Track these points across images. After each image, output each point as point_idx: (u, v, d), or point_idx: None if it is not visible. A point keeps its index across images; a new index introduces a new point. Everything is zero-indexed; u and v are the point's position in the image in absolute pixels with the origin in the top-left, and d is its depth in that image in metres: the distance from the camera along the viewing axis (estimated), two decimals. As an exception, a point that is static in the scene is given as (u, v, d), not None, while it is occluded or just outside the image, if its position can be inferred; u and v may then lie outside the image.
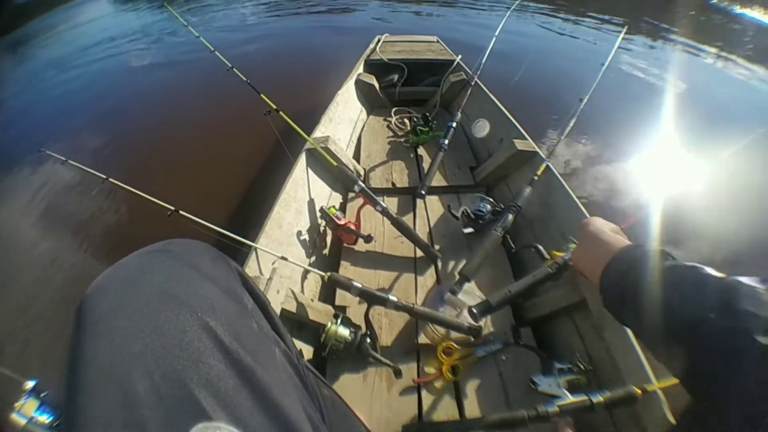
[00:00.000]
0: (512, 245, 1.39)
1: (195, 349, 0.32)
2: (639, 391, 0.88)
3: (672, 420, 0.83)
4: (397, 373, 1.09)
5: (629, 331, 0.98)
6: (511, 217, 1.41)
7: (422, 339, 1.22)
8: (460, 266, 1.43)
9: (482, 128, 1.86)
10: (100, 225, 2.37)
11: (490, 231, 1.38)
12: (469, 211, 1.55)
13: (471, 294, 1.31)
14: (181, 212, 1.17)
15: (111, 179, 1.25)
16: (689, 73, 5.09)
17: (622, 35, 1.88)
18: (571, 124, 1.59)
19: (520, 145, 1.66)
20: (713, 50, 6.22)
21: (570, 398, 0.93)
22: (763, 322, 0.44)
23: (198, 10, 8.34)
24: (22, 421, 0.48)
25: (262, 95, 1.64)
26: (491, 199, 1.57)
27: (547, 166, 1.52)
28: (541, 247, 1.21)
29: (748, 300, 0.47)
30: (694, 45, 6.39)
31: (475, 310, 1.04)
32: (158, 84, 4.55)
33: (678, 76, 4.88)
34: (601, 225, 0.80)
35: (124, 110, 3.92)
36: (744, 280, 0.49)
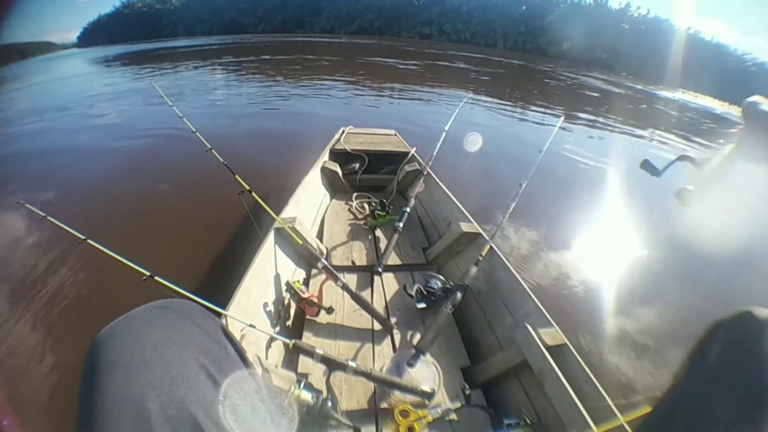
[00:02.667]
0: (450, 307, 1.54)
1: (194, 380, 0.45)
2: None
3: None
4: None
5: (568, 386, 1.12)
6: (459, 295, 1.59)
7: (380, 403, 1.29)
8: (414, 337, 1.56)
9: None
10: (74, 286, 2.30)
11: (442, 308, 1.54)
12: (422, 288, 1.71)
13: (427, 365, 1.42)
14: (156, 278, 1.23)
15: (89, 240, 1.28)
16: (624, 153, 5.92)
17: (558, 125, 2.17)
18: (512, 206, 1.87)
19: (465, 227, 1.90)
20: (646, 131, 7.40)
21: (519, 451, 1.04)
22: None
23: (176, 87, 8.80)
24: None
25: (237, 176, 1.80)
26: (441, 277, 1.75)
27: (491, 246, 1.74)
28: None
29: None
30: (628, 129, 7.58)
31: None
32: (139, 153, 4.72)
33: (614, 156, 5.73)
34: None
35: (102, 174, 4.02)
36: None
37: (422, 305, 1.67)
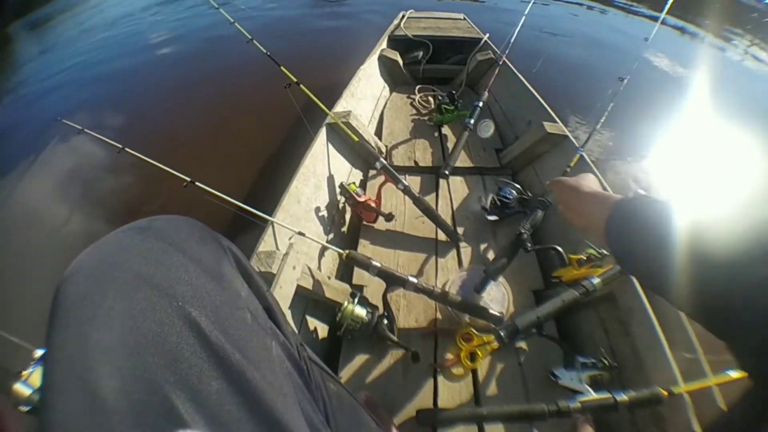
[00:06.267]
0: (528, 245, 1.23)
1: (173, 344, 0.27)
2: (665, 393, 0.83)
3: (696, 426, 0.79)
4: (415, 357, 1.05)
5: (659, 329, 0.94)
6: (540, 214, 1.32)
7: (441, 323, 1.18)
8: (485, 252, 1.38)
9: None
10: (116, 195, 2.36)
11: (519, 229, 1.27)
12: (495, 197, 1.47)
13: (496, 286, 1.25)
14: (197, 183, 1.13)
15: (127, 149, 1.22)
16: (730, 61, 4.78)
17: (668, 5, 1.73)
18: (611, 106, 1.47)
19: (549, 128, 1.56)
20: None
21: (593, 395, 0.89)
22: None
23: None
24: (27, 392, 0.45)
25: (282, 67, 1.57)
26: (518, 186, 1.49)
27: (581, 156, 1.40)
28: (560, 249, 1.15)
29: None
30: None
31: (502, 333, 0.97)
32: (176, 57, 4.50)
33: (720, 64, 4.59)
34: (592, 180, 0.64)
35: (142, 84, 3.91)
36: None
37: (494, 218, 1.45)
